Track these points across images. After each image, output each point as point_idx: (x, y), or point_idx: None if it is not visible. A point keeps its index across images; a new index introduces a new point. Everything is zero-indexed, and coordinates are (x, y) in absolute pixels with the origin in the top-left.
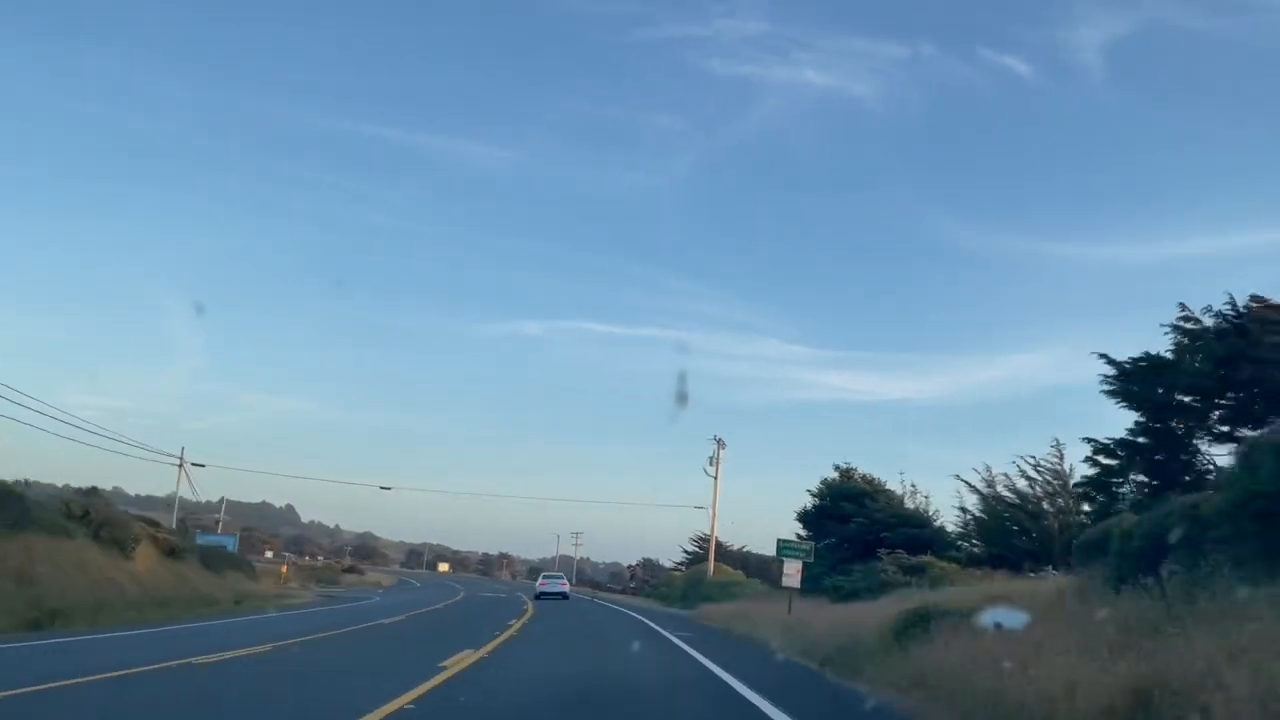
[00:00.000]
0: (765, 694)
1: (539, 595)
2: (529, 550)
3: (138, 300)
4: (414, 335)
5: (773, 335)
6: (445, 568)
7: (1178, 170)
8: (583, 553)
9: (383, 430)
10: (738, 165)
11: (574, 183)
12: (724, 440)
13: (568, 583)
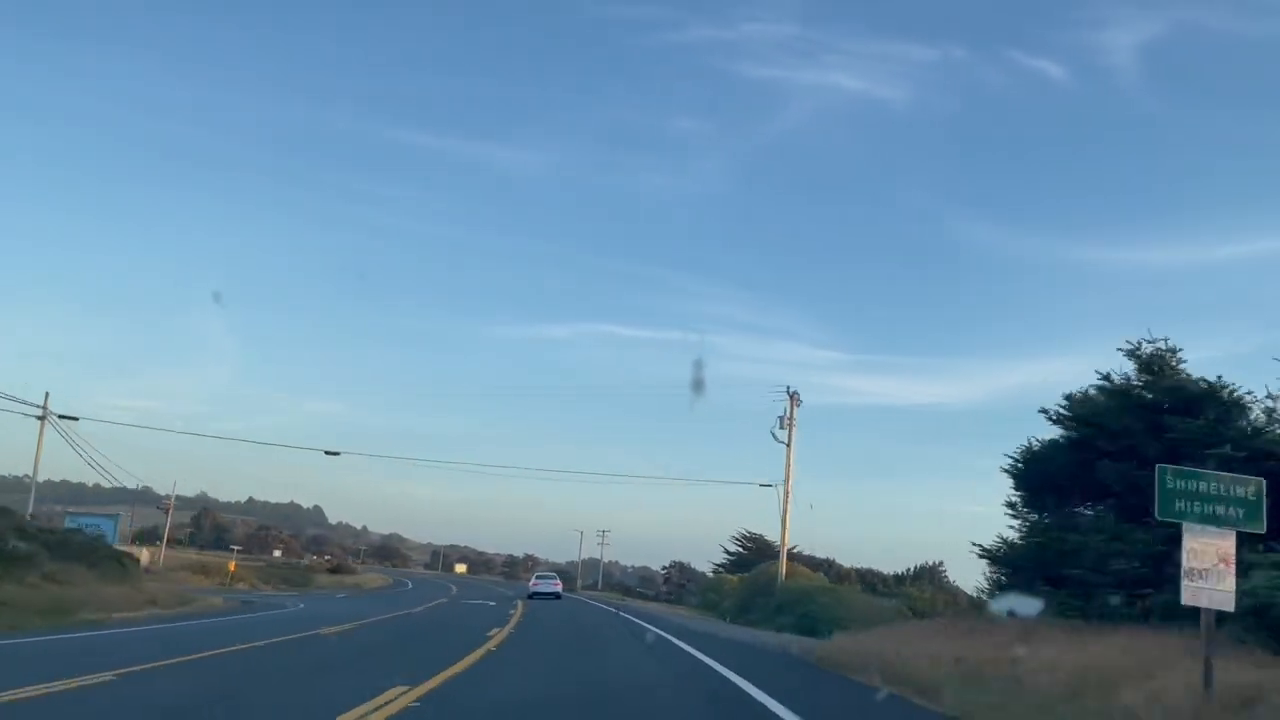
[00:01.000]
0: None
1: (531, 595)
2: (556, 553)
3: (168, 305)
4: (440, 338)
5: (799, 339)
6: (462, 569)
7: (1211, 172)
8: (610, 555)
9: (409, 432)
10: (765, 169)
11: (600, 186)
12: (798, 394)
13: (560, 583)
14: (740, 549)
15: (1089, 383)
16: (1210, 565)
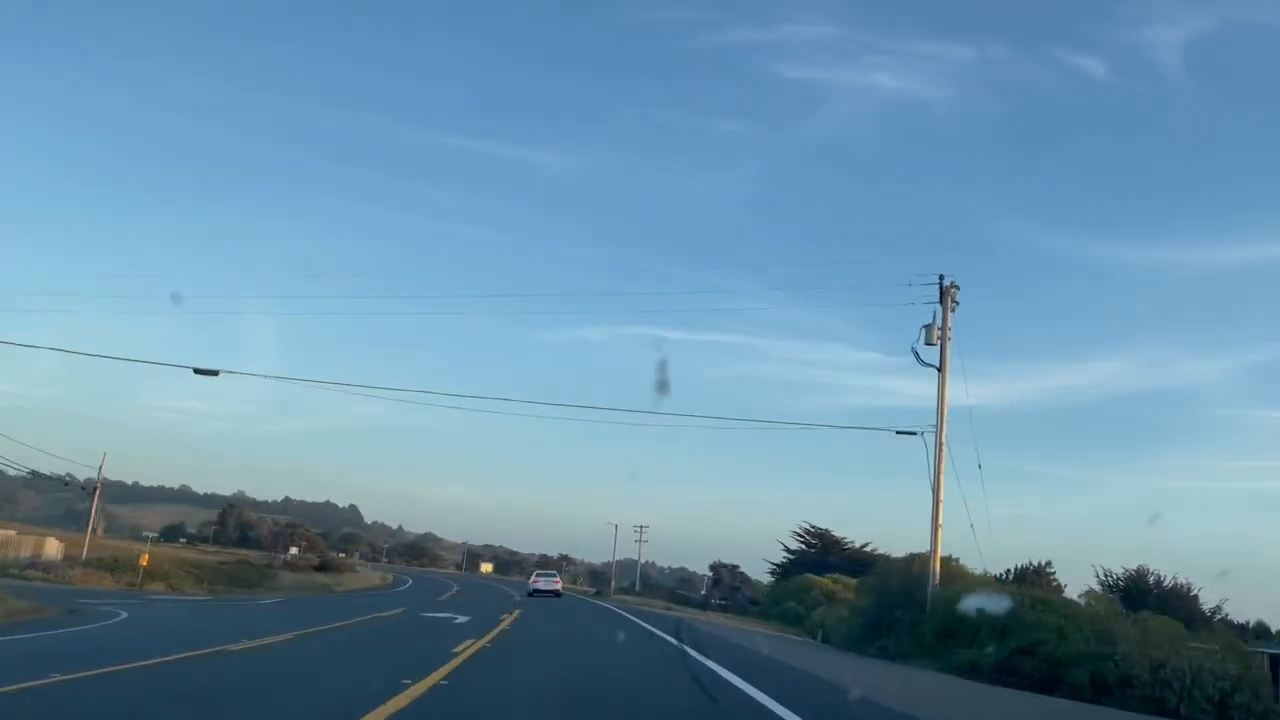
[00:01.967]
0: None
1: (531, 593)
2: (592, 554)
3: (219, 307)
4: (481, 341)
5: (841, 340)
6: (488, 568)
7: (1262, 171)
8: (646, 555)
9: (448, 433)
10: (805, 169)
11: (640, 188)
12: (955, 286)
13: (560, 581)
14: (803, 545)
15: None
16: None
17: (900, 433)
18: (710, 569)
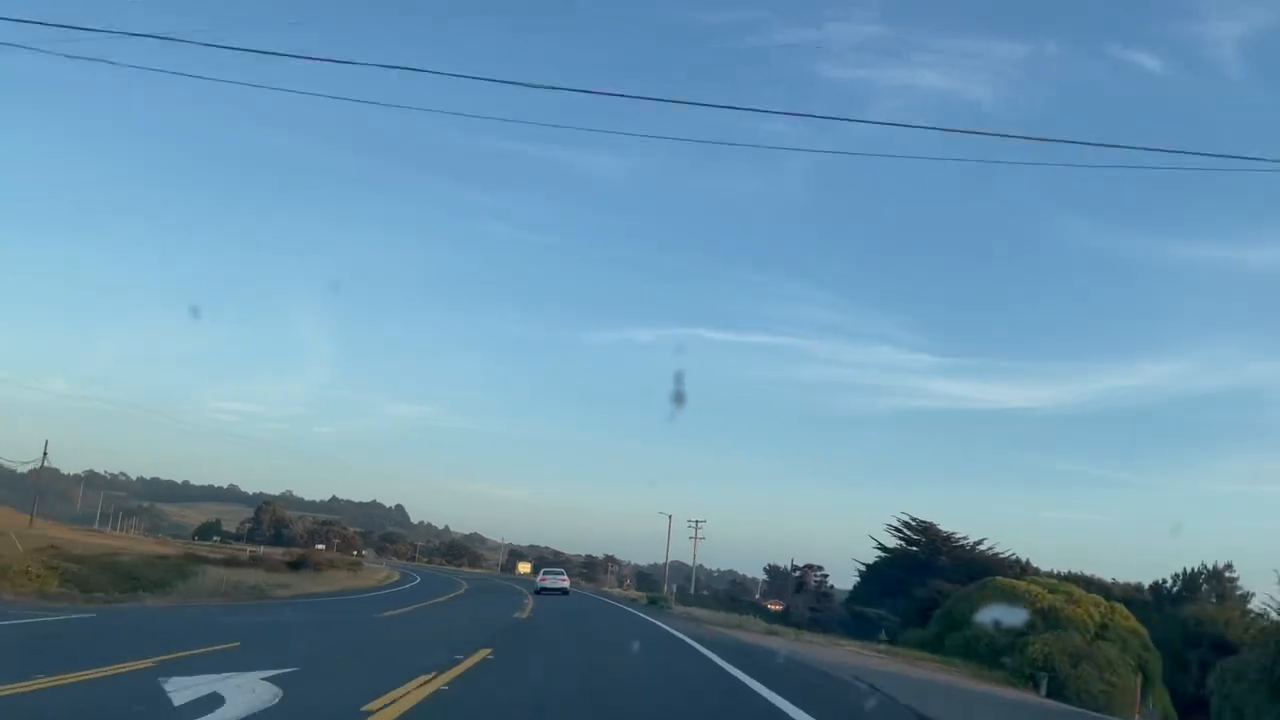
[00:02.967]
0: None
1: (539, 590)
2: (641, 555)
3: (276, 312)
4: (529, 343)
5: (889, 342)
6: (525, 568)
7: None
8: (698, 554)
9: (497, 435)
10: (852, 170)
11: (687, 190)
12: None
13: (567, 579)
14: (903, 542)
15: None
16: None
17: None
18: (792, 571)
